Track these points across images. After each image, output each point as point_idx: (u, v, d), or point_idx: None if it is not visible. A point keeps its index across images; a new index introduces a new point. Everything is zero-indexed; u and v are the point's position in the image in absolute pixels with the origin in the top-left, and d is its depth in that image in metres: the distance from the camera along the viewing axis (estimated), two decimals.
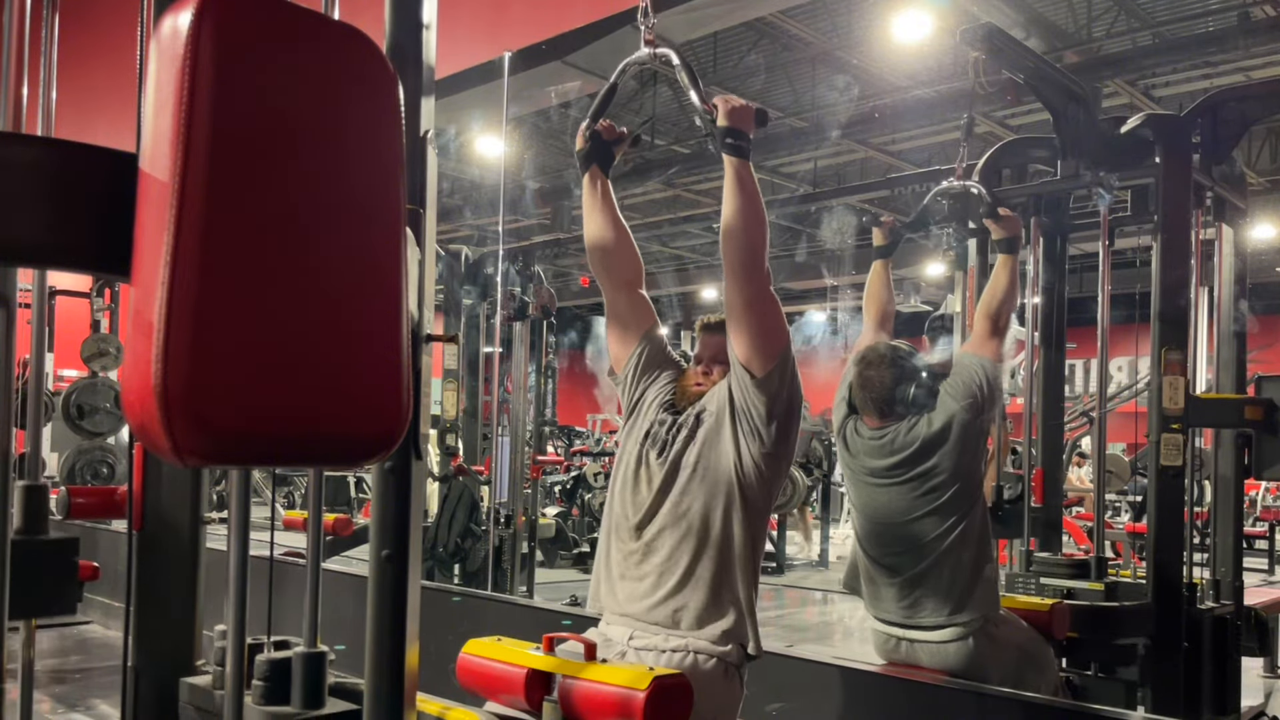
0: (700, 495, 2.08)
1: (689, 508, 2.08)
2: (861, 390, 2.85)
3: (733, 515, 2.07)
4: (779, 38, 9.59)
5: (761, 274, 2.04)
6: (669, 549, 2.08)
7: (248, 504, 1.38)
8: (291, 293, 0.94)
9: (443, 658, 2.26)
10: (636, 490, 2.17)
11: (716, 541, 2.07)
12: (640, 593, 2.10)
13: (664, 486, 2.12)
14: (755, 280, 2.03)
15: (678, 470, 2.12)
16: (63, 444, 6.99)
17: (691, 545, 2.06)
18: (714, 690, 2.01)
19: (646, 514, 2.13)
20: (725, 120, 2.03)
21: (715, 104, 2.05)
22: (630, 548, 2.14)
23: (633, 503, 2.16)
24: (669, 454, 2.15)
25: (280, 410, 0.94)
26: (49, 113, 1.88)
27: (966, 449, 2.73)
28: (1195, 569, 3.79)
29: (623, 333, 2.35)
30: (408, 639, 1.28)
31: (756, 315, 2.05)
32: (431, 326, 1.28)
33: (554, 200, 13.09)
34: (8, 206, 0.99)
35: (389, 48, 1.31)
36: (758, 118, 2.07)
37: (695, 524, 2.07)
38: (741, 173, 2.03)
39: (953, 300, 4.11)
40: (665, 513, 2.10)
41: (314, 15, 1.01)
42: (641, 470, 2.18)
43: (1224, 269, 4.06)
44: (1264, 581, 9.25)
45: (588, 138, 2.29)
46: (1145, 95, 9.79)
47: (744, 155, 2.03)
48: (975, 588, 2.71)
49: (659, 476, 2.14)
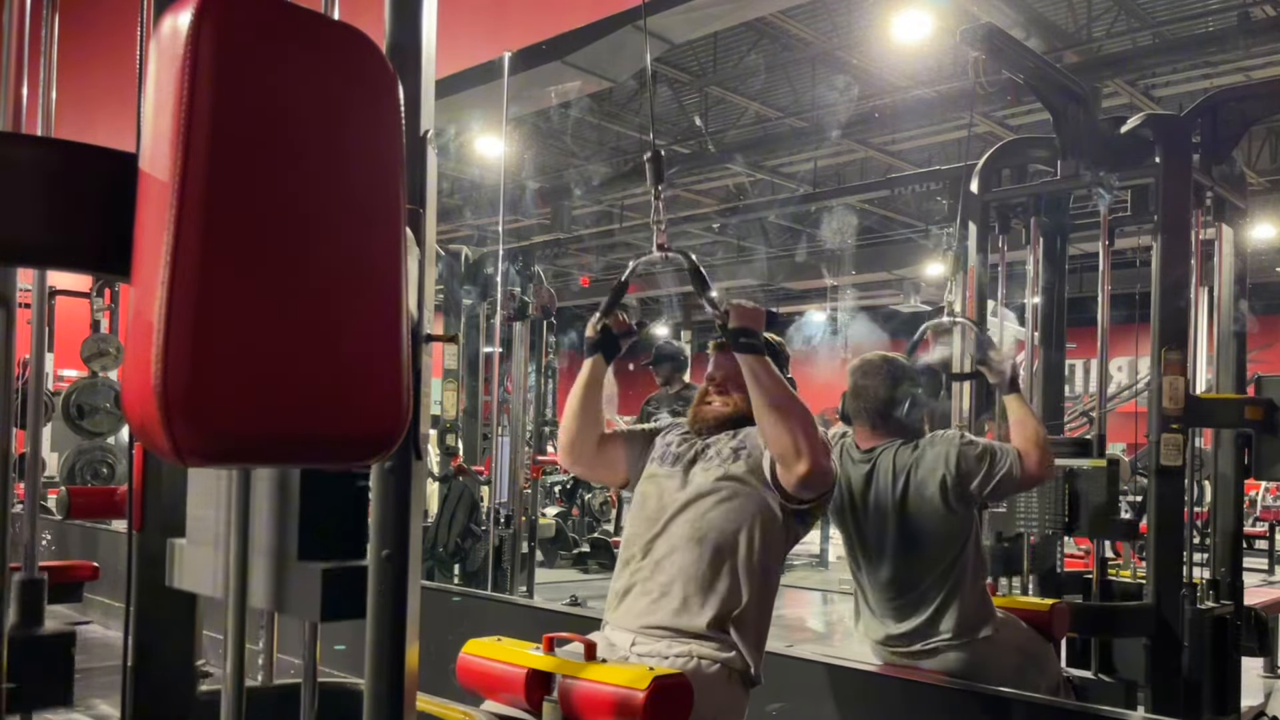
0: (721, 520, 2.12)
1: (707, 530, 2.12)
2: (855, 399, 2.82)
3: (751, 545, 2.12)
4: (779, 38, 9.59)
5: (814, 455, 2.05)
6: (680, 564, 2.11)
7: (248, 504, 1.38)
8: (291, 293, 0.94)
9: (443, 658, 2.26)
10: (646, 504, 2.22)
11: (730, 564, 2.10)
12: (645, 606, 2.12)
13: (684, 504, 2.16)
14: (805, 463, 2.05)
15: (700, 492, 2.16)
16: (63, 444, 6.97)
17: (707, 565, 2.09)
18: (716, 691, 2.01)
19: (661, 528, 2.16)
20: (736, 322, 2.10)
21: (727, 309, 2.12)
22: (640, 562, 2.17)
23: (644, 518, 2.20)
24: (691, 471, 2.20)
25: (280, 410, 0.94)
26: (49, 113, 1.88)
27: (953, 508, 2.67)
28: (1195, 569, 3.79)
29: (609, 471, 2.44)
30: (408, 639, 1.28)
31: (813, 480, 2.09)
32: (431, 326, 1.28)
33: (554, 200, 13.09)
34: (8, 206, 0.99)
35: (389, 48, 1.31)
36: (768, 318, 2.16)
37: (709, 545, 2.10)
38: (757, 368, 2.08)
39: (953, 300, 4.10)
40: (680, 529, 2.13)
41: (314, 15, 1.01)
42: (652, 485, 2.24)
43: (1224, 269, 4.05)
44: (1264, 581, 9.24)
45: (599, 330, 2.34)
46: (1145, 95, 9.79)
47: (758, 352, 2.09)
48: (972, 613, 2.70)
49: (677, 491, 2.18)
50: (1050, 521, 3.52)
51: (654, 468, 2.28)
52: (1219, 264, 4.07)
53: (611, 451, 2.40)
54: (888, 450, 2.75)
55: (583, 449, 2.38)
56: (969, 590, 2.70)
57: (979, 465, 2.64)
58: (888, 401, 2.76)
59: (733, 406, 2.26)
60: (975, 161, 4.17)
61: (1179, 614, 3.49)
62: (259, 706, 1.50)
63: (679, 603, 2.08)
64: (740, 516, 2.12)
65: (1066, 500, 3.49)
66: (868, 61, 9.70)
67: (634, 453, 2.38)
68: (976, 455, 2.65)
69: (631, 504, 2.32)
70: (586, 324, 2.37)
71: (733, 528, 2.11)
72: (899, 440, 2.76)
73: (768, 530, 2.13)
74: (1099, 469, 3.50)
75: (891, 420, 2.77)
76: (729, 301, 2.13)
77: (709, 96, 11.05)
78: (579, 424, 2.35)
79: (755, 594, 2.11)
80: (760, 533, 2.12)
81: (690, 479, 2.19)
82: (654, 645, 2.07)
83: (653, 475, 2.27)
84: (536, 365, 6.89)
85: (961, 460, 2.64)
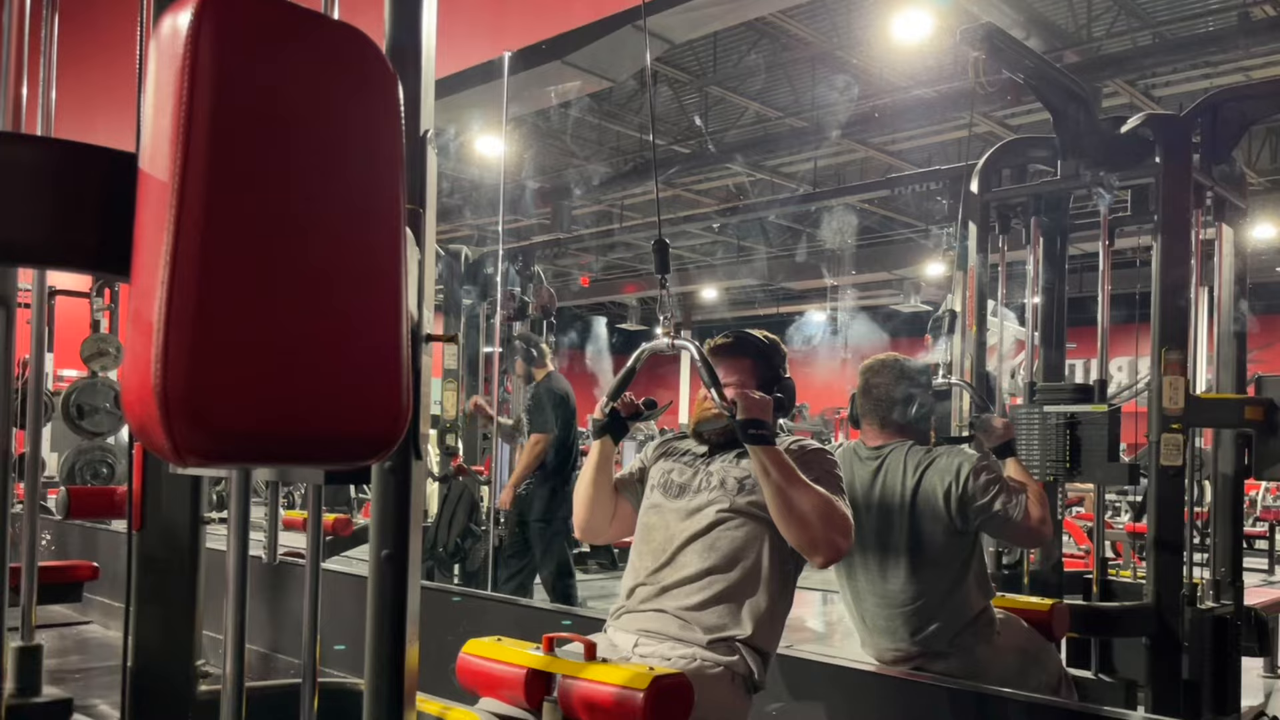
0: (729, 546, 2.12)
1: (718, 560, 2.11)
2: (864, 396, 2.83)
3: (765, 557, 2.12)
4: (779, 38, 9.59)
5: (832, 545, 2.05)
6: (693, 571, 2.11)
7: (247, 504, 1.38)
8: (291, 292, 0.94)
9: (443, 658, 2.26)
10: (651, 538, 2.20)
11: (746, 581, 2.10)
12: (651, 616, 2.12)
13: (693, 537, 2.14)
14: (824, 554, 2.06)
15: (710, 523, 2.15)
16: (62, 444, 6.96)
17: (718, 584, 2.09)
18: (717, 692, 2.01)
19: (668, 560, 2.15)
20: (744, 414, 2.08)
21: (734, 400, 2.10)
22: (648, 591, 2.16)
23: (649, 552, 2.19)
24: (697, 502, 2.19)
25: (280, 410, 0.94)
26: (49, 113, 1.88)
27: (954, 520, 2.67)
28: (1195, 569, 3.79)
29: (623, 528, 2.42)
30: (408, 639, 1.28)
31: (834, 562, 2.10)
32: (431, 326, 1.28)
33: (554, 200, 13.08)
34: (8, 206, 0.99)
35: (389, 48, 1.31)
36: (776, 405, 2.15)
37: (723, 569, 2.10)
38: (766, 459, 2.06)
39: (953, 300, 4.10)
40: (690, 560, 2.13)
41: (314, 15, 1.01)
42: (657, 517, 2.22)
43: (1224, 269, 4.05)
44: (1264, 581, 9.24)
45: (607, 413, 2.33)
46: (1145, 95, 9.79)
47: (768, 443, 2.07)
48: (974, 622, 2.70)
49: (680, 521, 2.17)
50: (1053, 467, 3.54)
51: (656, 497, 2.26)
52: (1219, 264, 4.07)
53: (620, 511, 2.40)
54: (898, 449, 2.76)
55: (600, 527, 2.40)
56: (969, 605, 2.70)
57: (984, 493, 2.63)
58: (898, 400, 2.77)
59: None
60: (975, 161, 4.17)
61: (1179, 614, 3.49)
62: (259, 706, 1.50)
63: (687, 610, 2.08)
64: (750, 541, 2.12)
65: (1069, 446, 3.51)
66: (868, 61, 9.70)
67: (637, 499, 2.38)
68: (986, 482, 2.63)
69: (635, 535, 2.30)
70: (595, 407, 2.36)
71: (743, 553, 2.11)
72: (910, 441, 2.77)
73: (778, 547, 2.12)
74: (1100, 413, 3.52)
75: (901, 419, 2.78)
76: (737, 392, 2.11)
77: (709, 96, 11.06)
78: (594, 506, 2.36)
79: (769, 602, 2.11)
80: (770, 549, 2.12)
81: (696, 509, 2.17)
82: (656, 647, 2.07)
83: (656, 505, 2.25)
84: None
85: (971, 479, 2.63)
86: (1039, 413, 3.61)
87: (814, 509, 2.03)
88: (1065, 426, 3.51)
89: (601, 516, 2.37)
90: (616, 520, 2.40)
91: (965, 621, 2.69)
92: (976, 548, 2.76)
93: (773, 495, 2.05)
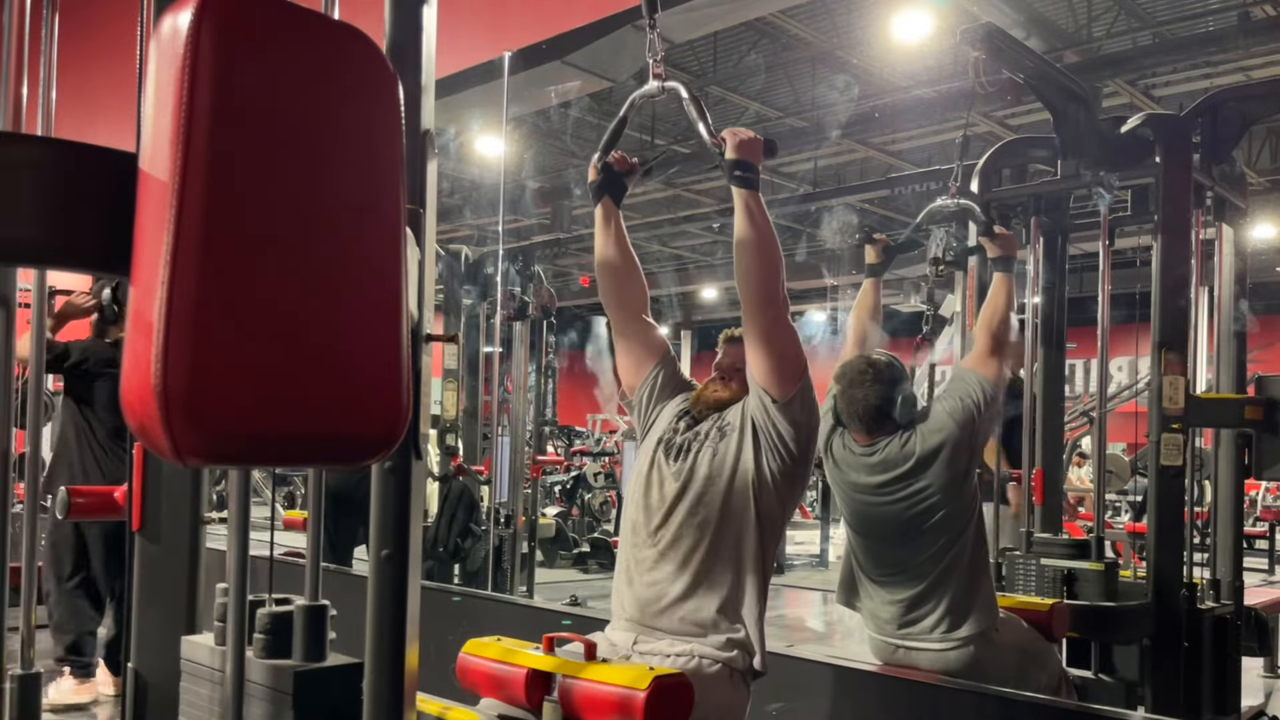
0: (717, 504, 2.09)
1: (705, 516, 2.09)
2: (848, 408, 2.84)
3: (747, 527, 2.09)
4: (779, 38, 9.59)
5: (776, 305, 2.06)
6: (682, 555, 2.09)
7: (247, 504, 1.38)
8: (291, 292, 0.94)
9: (443, 658, 2.26)
10: (649, 495, 2.17)
11: (730, 552, 2.08)
12: (649, 598, 2.10)
13: (680, 492, 2.12)
14: (769, 311, 2.05)
15: (695, 478, 2.12)
16: None
17: (704, 553, 2.07)
18: (717, 691, 2.01)
19: (661, 519, 2.13)
20: (734, 153, 2.04)
21: (724, 137, 2.06)
22: (644, 554, 2.14)
23: (645, 508, 2.17)
24: (687, 460, 2.16)
25: (280, 410, 0.94)
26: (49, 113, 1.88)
27: (960, 468, 2.71)
28: (1195, 569, 3.79)
29: (635, 360, 2.37)
30: (408, 639, 1.28)
31: (774, 345, 2.07)
32: (431, 326, 1.29)
33: (554, 200, 13.08)
34: (8, 206, 0.99)
35: (389, 48, 1.31)
36: (766, 148, 2.08)
37: (710, 532, 2.08)
38: (750, 204, 2.03)
39: (952, 300, 4.10)
40: (681, 519, 2.11)
41: (314, 15, 1.01)
42: (654, 474, 2.19)
43: (1224, 269, 4.05)
44: (1264, 581, 9.24)
45: (600, 170, 2.30)
46: (1145, 95, 9.79)
47: (753, 186, 2.04)
48: (974, 602, 2.70)
49: (674, 482, 2.14)
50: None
51: (660, 454, 2.22)
52: (1219, 264, 4.07)
53: (651, 340, 2.36)
54: (893, 440, 2.79)
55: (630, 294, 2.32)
56: (969, 581, 2.71)
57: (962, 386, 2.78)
58: (880, 405, 2.79)
59: (730, 393, 2.23)
60: (975, 161, 4.17)
61: (1179, 614, 3.49)
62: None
63: (682, 594, 2.06)
64: (738, 501, 2.09)
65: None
66: (868, 61, 9.70)
67: (665, 375, 2.33)
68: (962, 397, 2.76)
69: (630, 482, 2.26)
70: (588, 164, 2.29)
71: (731, 515, 2.09)
72: (900, 431, 2.80)
73: (764, 509, 2.09)
74: (1096, 571, 3.55)
75: (887, 420, 2.80)
76: (727, 130, 2.05)
77: (709, 96, 11.05)
78: (616, 266, 2.30)
79: (756, 581, 2.09)
80: (756, 513, 2.09)
81: (687, 469, 2.15)
82: (655, 644, 2.07)
83: (656, 463, 2.21)
84: (536, 365, 6.89)
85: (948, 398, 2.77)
86: (1036, 564, 3.63)
87: (774, 263, 2.05)
88: (1062, 582, 3.54)
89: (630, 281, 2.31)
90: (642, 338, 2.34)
91: (964, 592, 2.71)
92: (974, 521, 2.79)
93: (745, 230, 2.03)
